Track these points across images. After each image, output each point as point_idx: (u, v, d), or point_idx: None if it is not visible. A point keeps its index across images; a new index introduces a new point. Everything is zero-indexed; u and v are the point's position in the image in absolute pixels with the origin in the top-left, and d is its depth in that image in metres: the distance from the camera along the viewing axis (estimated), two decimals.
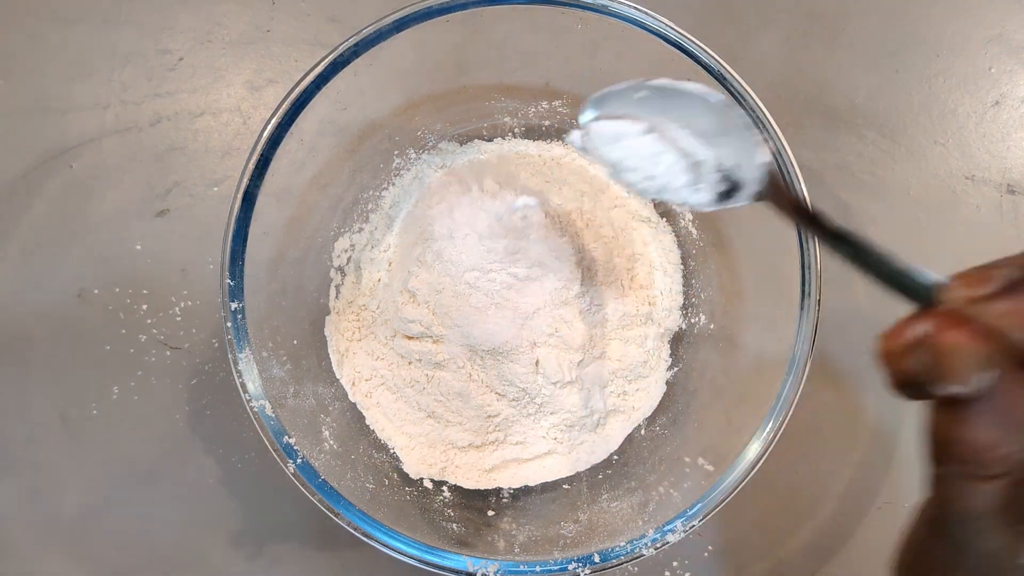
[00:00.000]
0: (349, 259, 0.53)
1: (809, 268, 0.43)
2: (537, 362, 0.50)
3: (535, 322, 0.50)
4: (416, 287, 0.50)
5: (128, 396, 0.53)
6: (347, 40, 0.43)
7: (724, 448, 0.44)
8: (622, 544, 0.43)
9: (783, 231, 0.44)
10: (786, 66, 0.58)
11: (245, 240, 0.42)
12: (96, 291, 0.54)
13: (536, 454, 0.52)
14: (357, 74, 0.44)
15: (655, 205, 0.55)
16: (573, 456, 0.52)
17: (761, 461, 0.42)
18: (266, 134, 0.42)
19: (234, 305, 0.42)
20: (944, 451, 0.23)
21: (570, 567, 0.42)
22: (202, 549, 0.52)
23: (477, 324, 0.49)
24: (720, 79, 0.43)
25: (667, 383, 0.53)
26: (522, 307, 0.49)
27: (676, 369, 0.53)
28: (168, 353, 0.53)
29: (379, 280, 0.53)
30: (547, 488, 0.51)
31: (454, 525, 0.46)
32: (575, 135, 0.39)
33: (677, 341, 0.54)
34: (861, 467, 0.55)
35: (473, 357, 0.50)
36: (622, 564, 0.42)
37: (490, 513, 0.48)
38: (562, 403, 0.51)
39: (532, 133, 0.55)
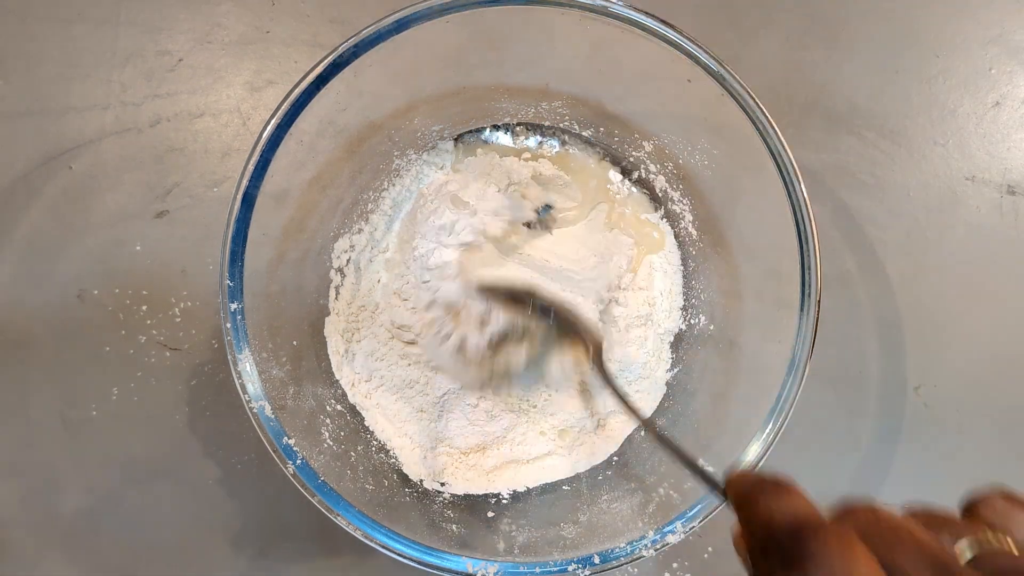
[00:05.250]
0: (349, 260, 0.53)
1: (809, 269, 0.43)
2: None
3: None
4: (408, 292, 0.50)
5: (128, 397, 0.53)
6: (347, 41, 0.43)
7: (724, 448, 0.44)
8: (622, 545, 0.42)
9: (783, 232, 0.44)
10: (786, 66, 0.58)
11: (244, 241, 0.42)
12: (96, 292, 0.54)
13: (536, 455, 0.51)
14: (357, 75, 0.44)
15: (656, 205, 0.55)
16: (573, 457, 0.52)
17: (761, 461, 0.42)
18: (265, 135, 0.42)
19: (234, 306, 0.42)
20: None
21: (570, 568, 0.42)
22: (202, 549, 0.52)
23: None
24: (720, 79, 0.43)
25: (667, 384, 0.53)
26: None
27: (676, 370, 0.53)
28: (168, 354, 0.53)
29: (378, 281, 0.53)
30: (547, 489, 0.51)
31: (454, 526, 0.46)
32: None
33: (677, 342, 0.54)
34: (861, 467, 0.55)
35: None
36: (622, 565, 0.42)
37: (490, 514, 0.48)
38: (562, 404, 0.51)
39: (532, 134, 0.55)
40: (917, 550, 0.23)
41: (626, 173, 0.55)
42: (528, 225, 0.52)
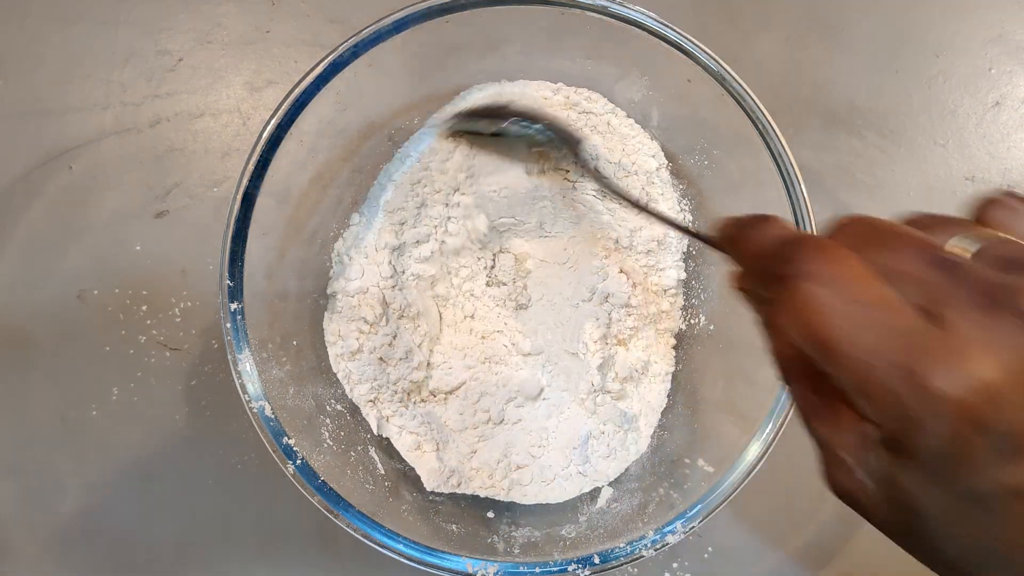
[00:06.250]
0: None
1: None
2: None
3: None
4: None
5: (128, 397, 0.53)
6: (346, 41, 0.43)
7: (724, 449, 0.44)
8: (622, 545, 0.42)
9: None
10: (786, 66, 0.58)
11: (244, 241, 0.42)
12: (96, 292, 0.54)
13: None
14: (357, 75, 0.44)
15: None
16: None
17: (761, 461, 0.42)
18: (265, 135, 0.42)
19: (233, 306, 0.42)
20: None
21: (570, 568, 0.42)
22: (202, 549, 0.52)
23: None
24: (720, 79, 0.43)
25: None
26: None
27: (676, 370, 0.53)
28: (168, 354, 0.53)
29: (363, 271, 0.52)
30: None
31: (454, 526, 0.46)
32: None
33: (677, 342, 0.54)
34: None
35: None
36: (622, 565, 0.42)
37: (490, 514, 0.48)
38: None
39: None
40: (917, 251, 0.20)
41: None
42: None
